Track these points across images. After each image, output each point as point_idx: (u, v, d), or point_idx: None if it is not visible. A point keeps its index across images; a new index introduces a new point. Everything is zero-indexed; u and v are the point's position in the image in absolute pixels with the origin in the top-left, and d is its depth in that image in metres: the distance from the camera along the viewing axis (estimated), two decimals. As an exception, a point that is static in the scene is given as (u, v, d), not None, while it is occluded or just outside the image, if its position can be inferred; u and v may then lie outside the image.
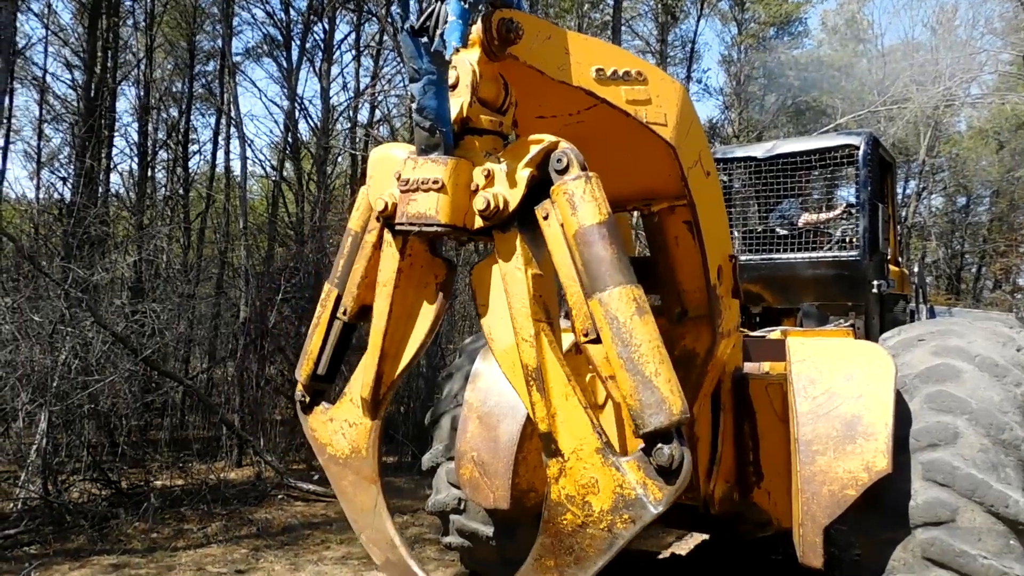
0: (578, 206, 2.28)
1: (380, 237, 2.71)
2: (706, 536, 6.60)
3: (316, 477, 9.19)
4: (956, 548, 3.32)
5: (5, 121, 14.09)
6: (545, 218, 2.36)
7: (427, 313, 2.73)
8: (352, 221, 2.86)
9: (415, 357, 2.75)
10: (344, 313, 2.85)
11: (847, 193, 6.43)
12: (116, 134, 16.00)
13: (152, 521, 7.05)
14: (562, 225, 2.32)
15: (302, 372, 2.95)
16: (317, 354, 2.92)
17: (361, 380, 2.76)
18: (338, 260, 2.91)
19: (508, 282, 2.40)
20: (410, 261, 2.65)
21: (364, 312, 2.81)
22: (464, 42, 2.32)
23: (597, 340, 2.27)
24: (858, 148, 5.63)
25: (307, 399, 2.99)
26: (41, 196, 15.50)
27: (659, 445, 2.14)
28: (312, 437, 3.00)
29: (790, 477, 3.85)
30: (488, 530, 4.73)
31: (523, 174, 2.36)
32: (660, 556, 6.37)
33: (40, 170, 15.95)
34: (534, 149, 2.37)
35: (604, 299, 2.21)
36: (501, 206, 2.35)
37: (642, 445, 2.19)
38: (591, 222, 2.26)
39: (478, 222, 2.40)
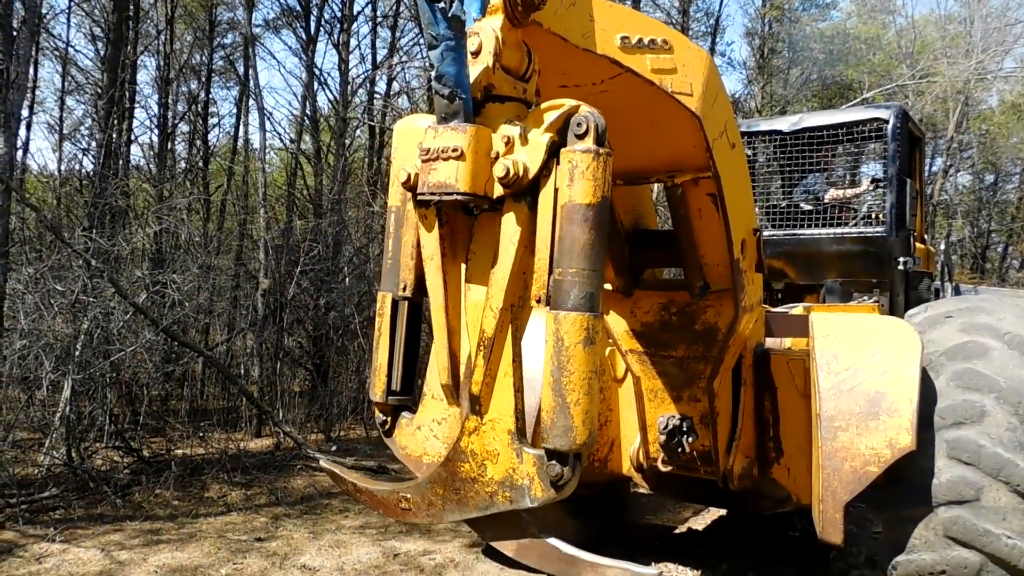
0: (576, 180, 2.26)
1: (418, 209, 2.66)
2: (723, 512, 6.60)
3: (334, 448, 9.28)
4: (980, 527, 3.29)
5: (29, 93, 14.17)
6: (546, 175, 2.34)
7: None
8: (391, 198, 2.83)
9: None
10: (405, 289, 2.77)
11: (874, 168, 6.33)
12: (137, 106, 16.06)
13: (173, 489, 7.15)
14: (557, 190, 2.30)
15: (376, 390, 2.84)
16: (387, 367, 2.82)
17: (437, 367, 2.69)
18: (385, 251, 2.84)
19: (499, 250, 2.41)
20: (449, 228, 2.61)
21: (423, 284, 2.73)
22: (483, 11, 2.28)
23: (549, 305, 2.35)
24: (887, 122, 5.52)
25: (388, 420, 2.91)
26: (63, 167, 15.64)
27: (554, 462, 2.28)
28: (405, 456, 2.92)
29: (810, 453, 3.82)
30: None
31: (543, 139, 2.32)
32: (676, 531, 6.38)
33: (62, 142, 16.06)
34: (554, 114, 2.33)
35: (560, 317, 2.25)
36: (521, 173, 2.32)
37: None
38: (580, 200, 2.25)
39: (498, 190, 2.37)
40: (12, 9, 8.00)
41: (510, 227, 2.39)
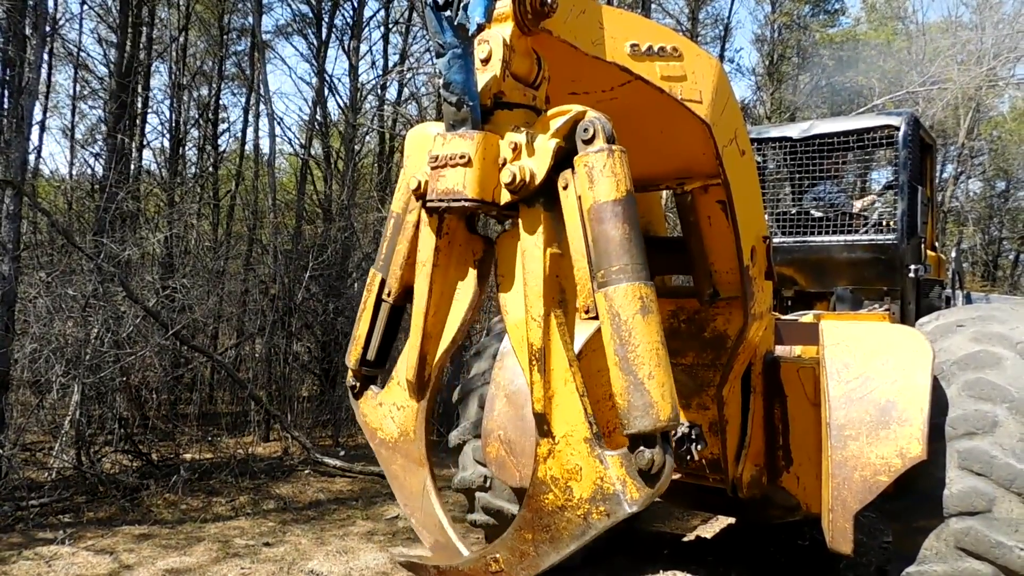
0: (596, 180, 2.22)
1: (420, 216, 2.67)
2: (732, 520, 6.57)
3: (342, 453, 9.29)
4: (992, 539, 3.25)
5: (42, 97, 14.29)
6: (564, 188, 2.31)
7: (467, 291, 2.69)
8: (394, 203, 2.83)
9: (457, 336, 2.71)
10: (389, 295, 2.82)
11: (885, 175, 6.30)
12: (149, 111, 16.16)
13: (181, 493, 7.17)
14: (579, 198, 2.27)
15: (351, 358, 2.91)
16: (365, 339, 2.88)
17: (406, 362, 2.73)
18: (382, 243, 2.88)
19: (526, 258, 2.36)
20: (447, 239, 2.61)
21: (409, 293, 2.78)
22: (488, 17, 2.26)
23: (596, 318, 2.24)
24: (898, 129, 5.49)
25: (357, 385, 2.97)
26: (75, 172, 15.75)
27: (641, 448, 2.11)
28: (363, 423, 2.99)
29: (820, 462, 3.80)
30: (514, 508, 4.73)
31: (549, 145, 2.30)
32: (685, 539, 6.35)
33: (74, 146, 16.17)
34: (561, 119, 2.32)
35: (610, 293, 2.16)
36: (528, 179, 2.31)
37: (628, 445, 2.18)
38: (606, 198, 2.21)
39: (506, 196, 2.36)
40: (24, 14, 8.06)
41: (529, 232, 2.36)
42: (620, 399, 2.14)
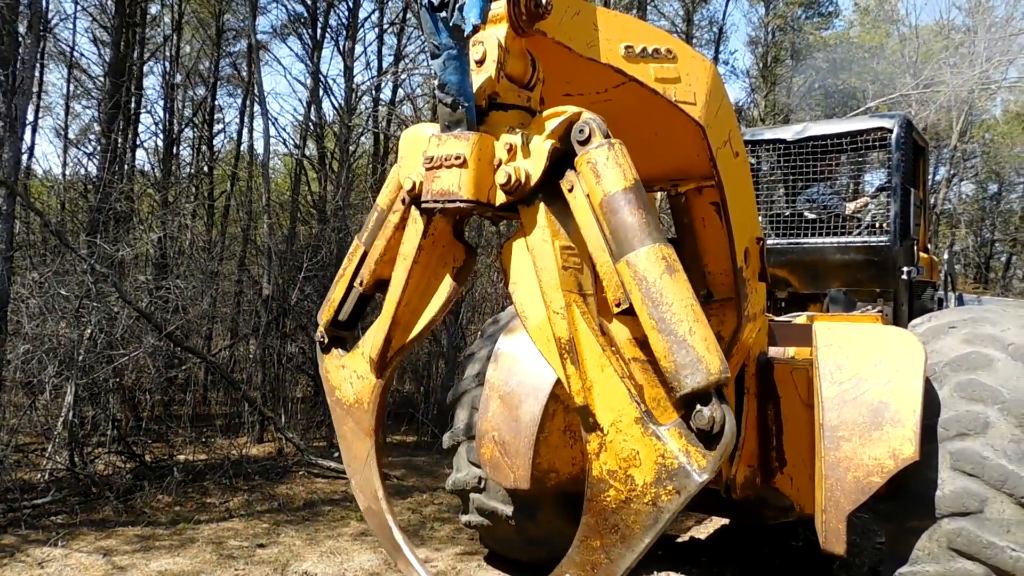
0: (602, 173, 2.23)
1: (403, 218, 2.72)
2: (726, 521, 6.58)
3: (336, 454, 9.27)
4: (984, 539, 3.28)
5: (35, 97, 14.22)
6: (570, 190, 2.32)
7: (441, 293, 2.75)
8: (380, 197, 2.87)
9: (424, 332, 2.80)
10: (361, 283, 2.92)
11: (878, 177, 6.33)
12: (143, 111, 16.10)
13: (175, 494, 7.15)
14: (588, 196, 2.27)
15: (323, 317, 3.03)
16: (339, 303, 3.00)
17: (372, 341, 2.82)
18: (366, 223, 2.95)
19: (536, 255, 2.36)
20: (432, 240, 2.65)
21: (380, 285, 2.89)
22: (483, 18, 2.27)
23: (629, 311, 2.18)
24: (891, 131, 5.52)
25: (326, 341, 3.08)
26: (68, 172, 15.67)
27: (698, 407, 2.02)
28: (325, 378, 3.10)
29: (813, 463, 3.82)
30: (507, 509, 4.74)
31: (545, 146, 2.31)
32: (679, 540, 6.36)
33: (67, 146, 16.09)
34: (555, 121, 2.33)
35: (632, 260, 2.14)
36: (523, 179, 2.31)
37: (682, 412, 2.10)
38: (616, 188, 2.21)
39: (501, 197, 2.36)
40: (17, 13, 8.04)
41: (534, 229, 2.37)
42: (665, 362, 2.07)
